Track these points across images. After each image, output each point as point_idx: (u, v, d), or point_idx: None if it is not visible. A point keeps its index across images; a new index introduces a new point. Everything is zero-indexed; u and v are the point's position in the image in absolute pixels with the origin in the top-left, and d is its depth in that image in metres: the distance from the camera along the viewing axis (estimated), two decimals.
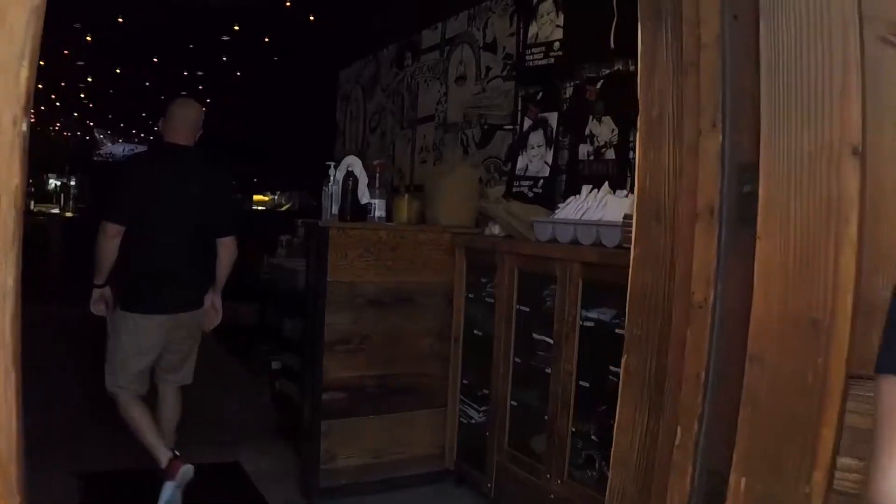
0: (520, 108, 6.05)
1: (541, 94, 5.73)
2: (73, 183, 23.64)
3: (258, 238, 13.64)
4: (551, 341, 4.38)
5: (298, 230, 10.42)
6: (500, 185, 6.02)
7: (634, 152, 3.96)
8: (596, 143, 5.13)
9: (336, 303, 4.98)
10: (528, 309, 4.67)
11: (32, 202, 16.67)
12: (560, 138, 5.46)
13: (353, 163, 5.29)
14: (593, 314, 4.10)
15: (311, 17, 12.09)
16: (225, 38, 14.03)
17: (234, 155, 29.22)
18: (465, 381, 5.39)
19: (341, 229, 5.00)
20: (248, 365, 8.82)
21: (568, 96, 5.45)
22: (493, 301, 4.98)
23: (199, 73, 18.68)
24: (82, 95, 23.09)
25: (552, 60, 5.60)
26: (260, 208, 25.47)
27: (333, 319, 4.98)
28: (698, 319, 2.30)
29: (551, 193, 5.46)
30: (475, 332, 5.25)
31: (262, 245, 10.01)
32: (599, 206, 4.37)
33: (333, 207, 5.17)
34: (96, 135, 30.47)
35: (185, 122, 4.80)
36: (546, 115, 5.63)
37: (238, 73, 18.12)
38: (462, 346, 5.39)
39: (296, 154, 21.69)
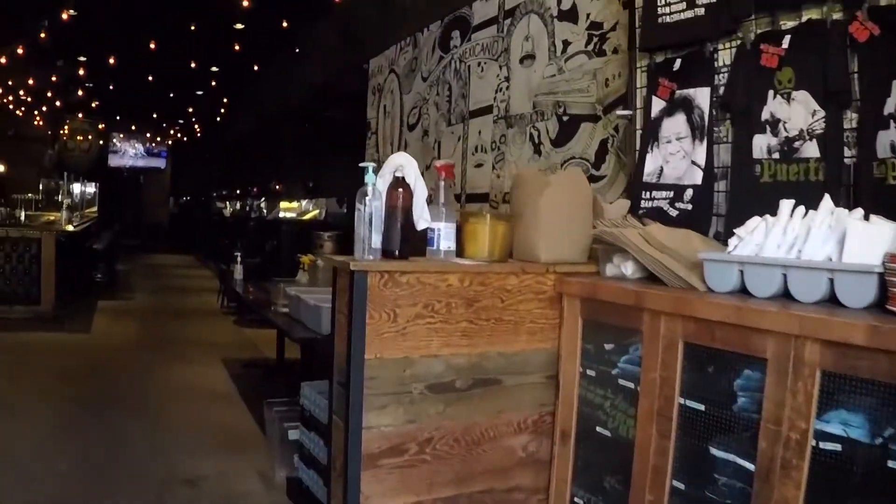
0: (641, 83, 4.20)
1: (679, 61, 3.90)
2: (90, 190, 22.47)
3: (282, 255, 12.35)
4: (750, 466, 2.62)
5: (320, 243, 9.46)
6: (621, 199, 4.19)
7: (860, 146, 3.06)
8: (784, 134, 3.35)
9: (380, 393, 3.29)
10: (701, 407, 2.86)
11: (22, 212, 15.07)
12: (716, 126, 3.66)
13: (405, 164, 3.52)
14: (837, 429, 2.37)
15: None
16: (238, 25, 12.72)
17: (250, 158, 28.55)
18: (577, 501, 3.60)
19: (387, 274, 3.28)
20: (261, 414, 7.32)
21: (726, 63, 3.66)
22: (632, 385, 3.19)
23: (214, 69, 17.35)
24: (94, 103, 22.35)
25: (701, 11, 3.76)
26: (287, 216, 24.21)
27: (377, 420, 3.29)
28: None
29: (707, 211, 3.65)
30: (598, 429, 3.42)
31: (285, 264, 8.90)
32: (822, 236, 2.67)
33: (373, 236, 3.30)
34: (112, 140, 29.62)
35: None
36: (689, 91, 3.78)
37: (255, 67, 16.81)
38: (575, 449, 3.58)
39: (322, 156, 20.47)
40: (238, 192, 29.36)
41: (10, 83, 19.35)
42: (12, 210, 15.14)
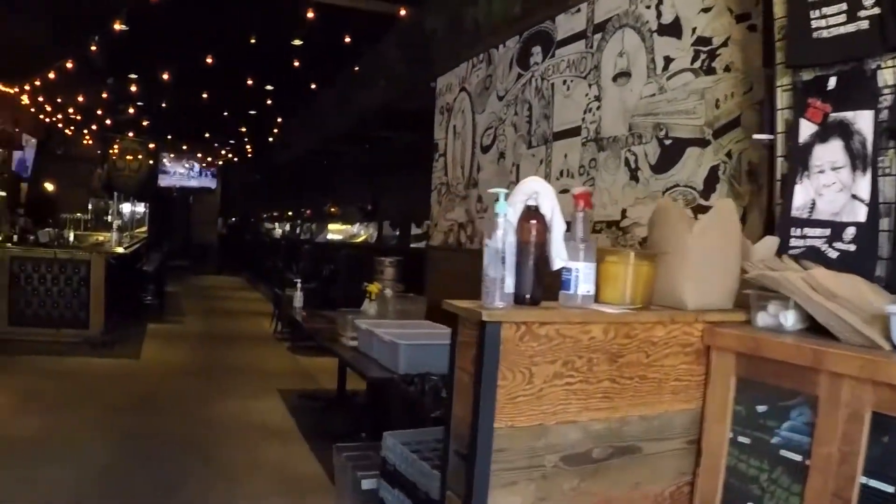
0: (783, 104, 3.68)
1: (834, 80, 3.39)
2: (140, 210, 22.33)
3: (340, 281, 11.97)
4: None
5: (380, 269, 9.03)
6: (767, 237, 3.62)
7: None
8: None
9: (509, 468, 2.75)
10: (890, 489, 2.36)
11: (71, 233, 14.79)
12: (881, 155, 3.15)
13: (541, 192, 2.94)
14: None
15: (402, 11, 10.39)
16: (297, 42, 12.38)
17: (304, 179, 28.31)
18: None
19: (524, 326, 2.75)
20: (322, 452, 6.89)
21: (889, 83, 3.16)
22: (798, 458, 2.63)
23: (269, 88, 17.04)
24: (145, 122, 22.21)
25: (864, 24, 3.25)
26: (334, 238, 23.93)
27: (504, 500, 2.74)
28: None
29: (872, 253, 3.11)
30: None
31: (343, 290, 8.49)
32: None
33: (507, 279, 2.76)
34: (161, 160, 29.59)
35: None
36: (847, 115, 3.27)
37: (312, 86, 16.47)
38: None
39: (381, 178, 20.15)
40: (290, 213, 29.16)
41: (59, 100, 19.13)
42: (61, 231, 14.82)
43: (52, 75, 14.66)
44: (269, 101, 18.28)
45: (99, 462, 6.58)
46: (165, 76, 14.76)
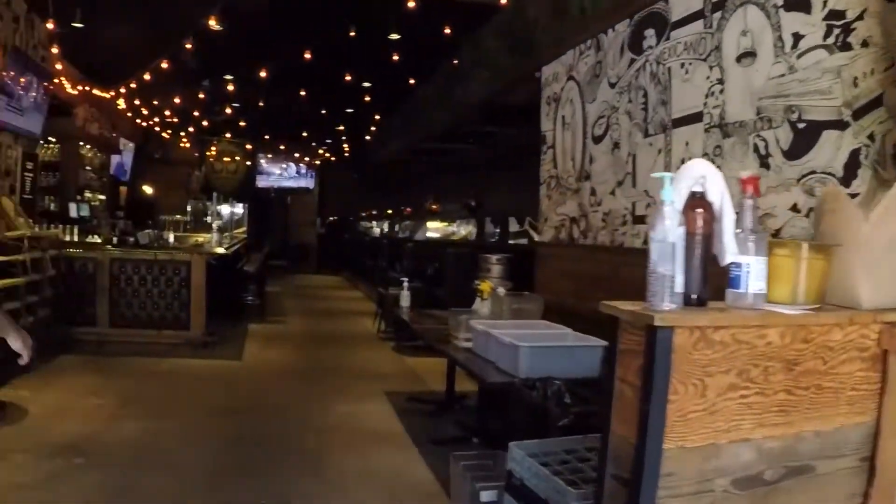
0: None
1: None
2: (238, 211, 22.44)
3: (446, 279, 11.76)
4: None
5: (487, 267, 8.76)
6: None
7: None
8: None
9: (677, 494, 2.46)
10: None
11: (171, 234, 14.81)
12: None
13: (708, 176, 2.63)
14: None
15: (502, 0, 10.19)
16: (394, 35, 12.20)
17: (404, 176, 28.21)
18: None
19: (699, 331, 2.46)
20: (434, 459, 6.69)
21: None
22: None
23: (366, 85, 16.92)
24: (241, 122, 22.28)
25: None
26: (433, 236, 23.71)
27: None
28: None
29: None
30: None
31: (450, 288, 8.28)
32: None
33: (677, 277, 2.48)
34: (259, 160, 29.77)
35: None
36: None
37: (410, 81, 16.29)
38: None
39: (484, 174, 19.89)
40: (389, 211, 29.05)
41: (155, 104, 19.26)
42: (160, 232, 14.82)
43: (147, 78, 14.70)
44: (366, 98, 18.10)
45: (201, 469, 6.45)
46: (262, 74, 14.65)
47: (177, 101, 17.88)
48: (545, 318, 6.92)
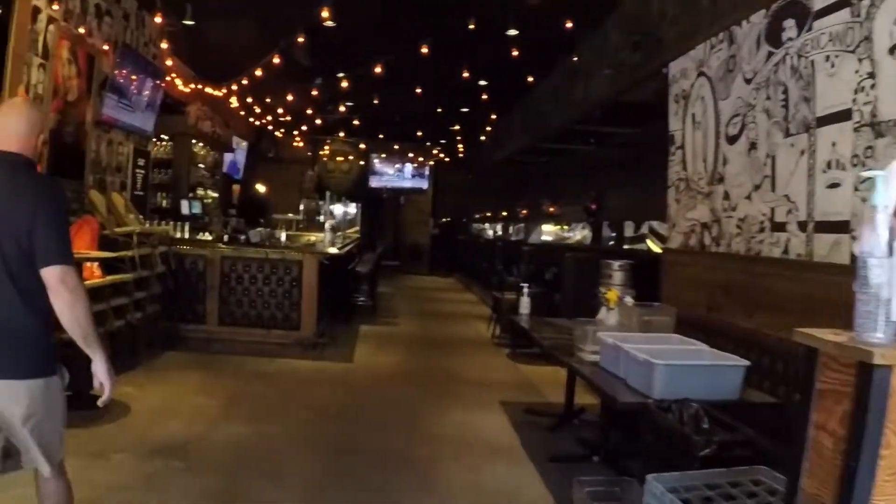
0: None
1: None
2: (352, 211, 22.39)
3: (564, 285, 11.43)
4: None
5: (608, 273, 8.32)
6: None
7: None
8: None
9: None
10: None
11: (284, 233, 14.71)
12: None
13: None
14: None
15: None
16: (512, 31, 11.91)
17: (522, 177, 27.91)
18: None
19: None
20: (553, 479, 6.38)
21: None
22: None
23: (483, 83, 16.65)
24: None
25: None
26: (546, 239, 23.39)
27: None
28: None
29: None
30: None
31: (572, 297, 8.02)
32: None
33: (893, 302, 2.01)
34: (372, 160, 29.80)
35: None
36: None
37: (528, 79, 15.97)
38: None
39: (605, 176, 19.44)
40: (504, 213, 28.82)
41: (267, 101, 19.23)
42: (272, 231, 14.71)
43: (259, 75, 14.59)
44: (483, 97, 17.77)
45: (306, 479, 6.21)
46: (377, 70, 14.43)
47: (289, 98, 17.80)
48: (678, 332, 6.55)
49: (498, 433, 7.92)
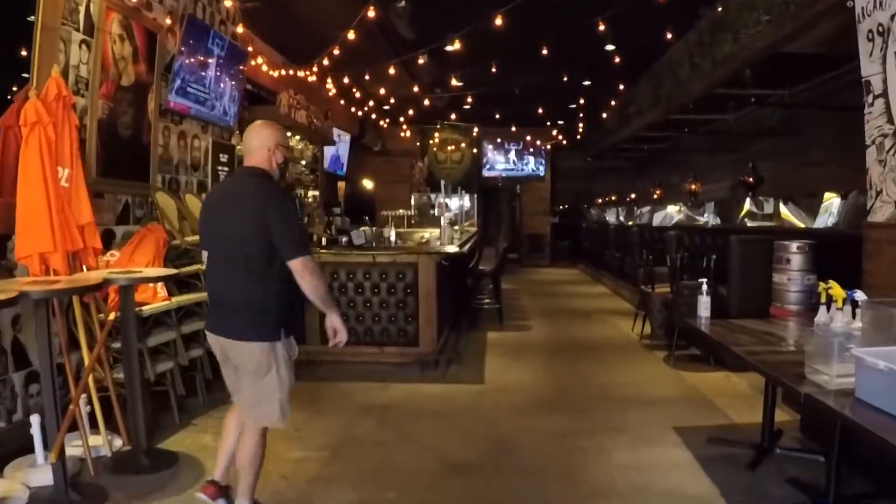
0: None
1: None
2: (466, 203, 21.01)
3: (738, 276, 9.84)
4: None
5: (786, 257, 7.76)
6: None
7: None
8: None
9: None
10: None
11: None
12: None
13: None
14: None
15: None
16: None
17: (653, 157, 26.09)
18: None
19: None
20: None
21: None
22: None
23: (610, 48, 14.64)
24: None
25: None
26: (676, 221, 21.65)
27: None
28: None
29: None
30: None
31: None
32: None
33: None
34: (485, 147, 28.37)
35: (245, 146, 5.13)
36: None
37: (667, 35, 14.05)
38: None
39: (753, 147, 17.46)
40: (633, 195, 27.09)
41: (367, 80, 17.38)
42: (380, 229, 12.94)
43: (352, 45, 12.74)
44: (611, 63, 15.67)
45: None
46: (497, 21, 12.59)
47: (392, 75, 15.80)
48: None
49: (684, 478, 6.03)
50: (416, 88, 17.59)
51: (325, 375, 9.28)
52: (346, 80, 16.51)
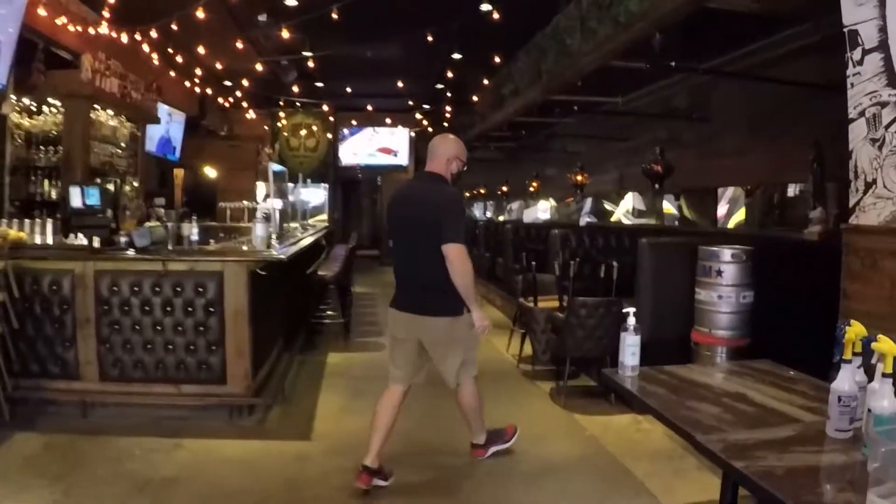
0: None
1: None
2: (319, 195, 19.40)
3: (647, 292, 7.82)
4: None
5: (710, 269, 6.75)
6: None
7: None
8: None
9: None
10: None
11: None
12: None
13: None
14: None
15: None
16: None
17: (506, 150, 24.27)
18: None
19: None
20: None
21: None
22: None
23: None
24: None
25: None
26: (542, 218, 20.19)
27: None
28: None
29: None
30: None
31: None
32: None
33: None
34: (341, 133, 26.51)
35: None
36: None
37: None
38: None
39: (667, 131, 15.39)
40: (505, 188, 25.39)
41: (201, 52, 14.68)
42: (177, 225, 9.86)
43: (192, 21, 10.40)
44: (483, 33, 13.39)
45: None
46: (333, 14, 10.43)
47: (238, 47, 13.33)
48: None
49: None
50: (258, 61, 15.19)
51: (99, 425, 6.96)
52: (170, 51, 13.98)
